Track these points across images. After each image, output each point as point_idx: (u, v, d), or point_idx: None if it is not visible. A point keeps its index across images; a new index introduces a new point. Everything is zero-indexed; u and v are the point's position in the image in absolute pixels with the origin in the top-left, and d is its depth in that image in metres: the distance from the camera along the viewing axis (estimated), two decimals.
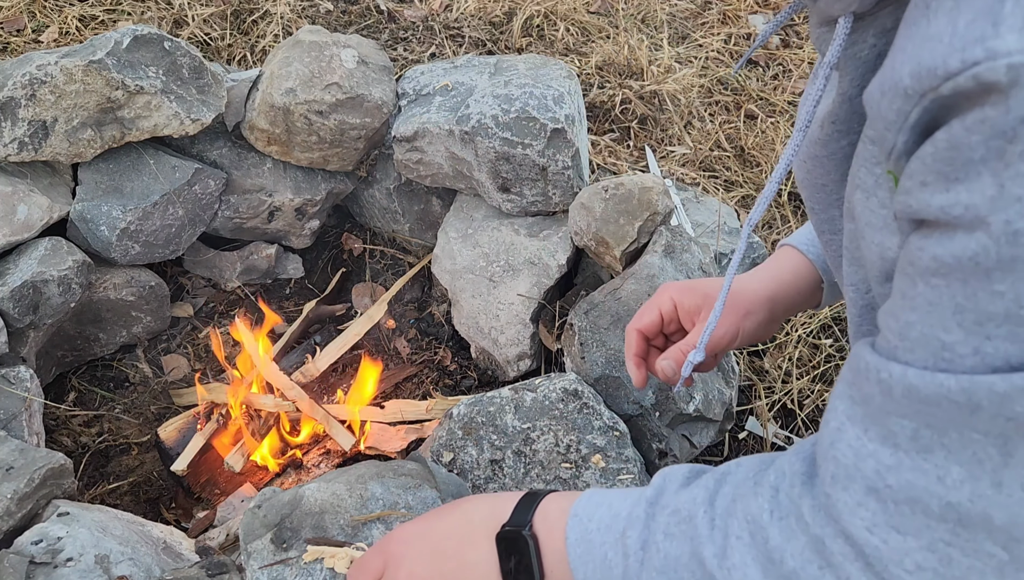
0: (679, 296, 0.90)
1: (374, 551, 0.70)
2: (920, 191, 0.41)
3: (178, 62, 1.35)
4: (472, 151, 1.39)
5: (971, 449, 0.41)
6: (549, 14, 2.20)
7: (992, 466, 0.40)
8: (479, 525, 0.66)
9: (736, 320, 0.88)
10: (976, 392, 0.39)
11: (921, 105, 0.40)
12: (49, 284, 1.28)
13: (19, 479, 1.05)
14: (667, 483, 0.60)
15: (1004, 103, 0.36)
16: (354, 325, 1.54)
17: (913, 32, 0.41)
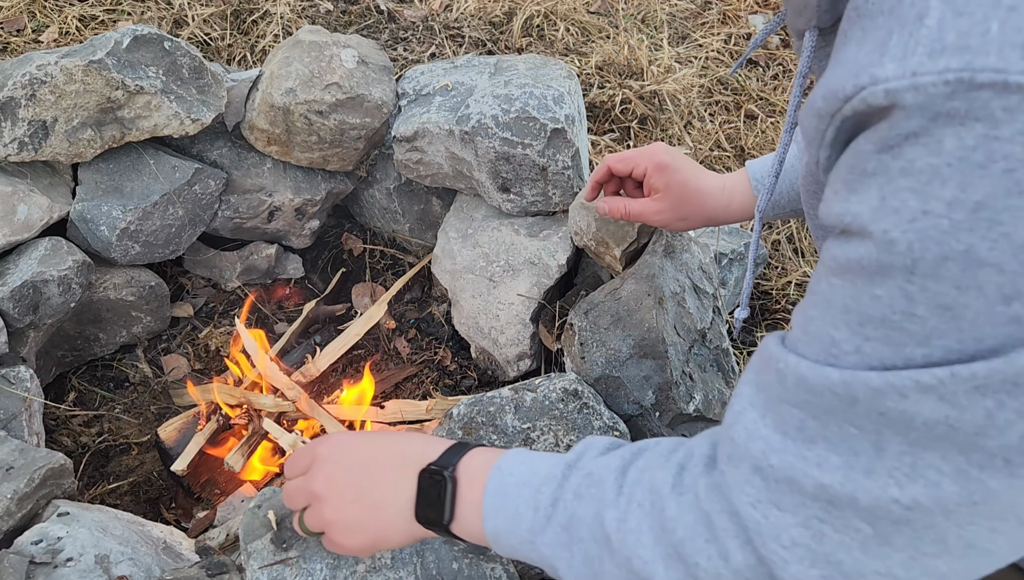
0: (657, 170, 1.05)
1: (306, 449, 0.75)
2: (832, 199, 0.45)
3: (178, 62, 1.35)
4: (472, 151, 1.39)
5: (849, 443, 0.44)
6: (549, 14, 2.20)
7: (866, 459, 0.44)
8: (408, 457, 0.70)
9: (675, 217, 1.06)
10: (854, 386, 0.43)
11: (833, 125, 0.44)
12: (49, 284, 1.28)
13: (19, 479, 1.05)
14: (587, 450, 0.64)
15: (889, 121, 0.39)
16: (354, 325, 1.54)
17: (833, 60, 0.45)
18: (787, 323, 1.60)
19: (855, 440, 0.44)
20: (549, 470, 0.64)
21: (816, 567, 0.47)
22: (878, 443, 0.43)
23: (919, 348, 0.41)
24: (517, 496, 0.64)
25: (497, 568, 0.93)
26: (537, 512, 0.62)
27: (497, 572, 0.93)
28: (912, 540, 0.44)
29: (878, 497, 0.43)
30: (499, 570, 0.93)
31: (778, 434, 0.48)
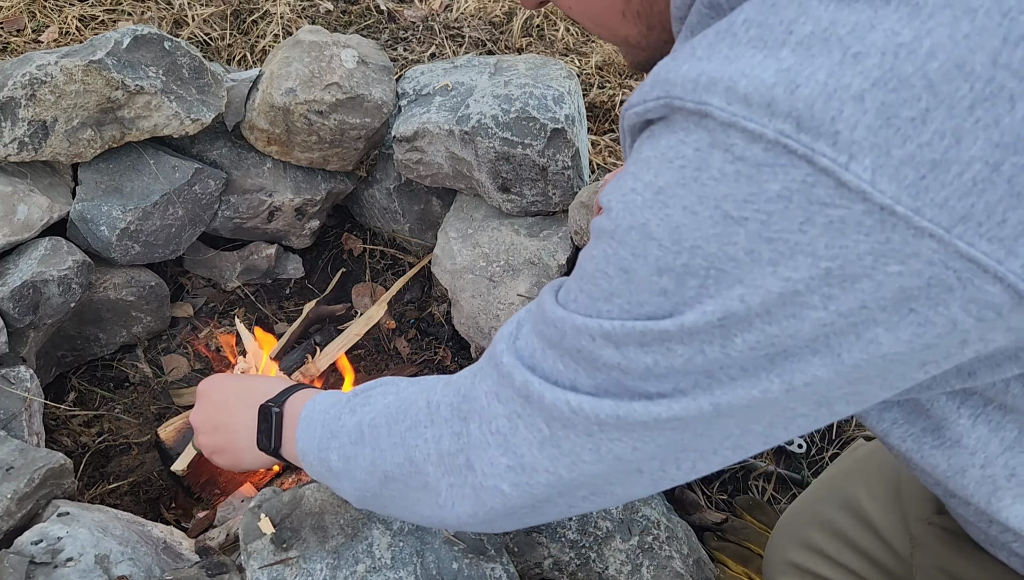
0: None
1: (199, 386, 0.98)
2: None
3: (178, 62, 1.35)
4: (472, 151, 1.39)
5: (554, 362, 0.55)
6: (549, 14, 2.20)
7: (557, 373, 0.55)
8: (257, 396, 0.89)
9: None
10: (565, 322, 0.54)
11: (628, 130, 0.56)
12: (49, 284, 1.28)
13: (19, 479, 1.05)
14: (379, 382, 0.79)
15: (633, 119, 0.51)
16: (354, 325, 1.54)
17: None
18: None
19: (559, 361, 0.55)
20: (347, 398, 0.78)
21: (506, 456, 0.59)
22: (572, 367, 0.54)
23: (605, 303, 0.51)
24: (321, 417, 0.79)
25: (497, 568, 0.93)
26: (324, 427, 0.77)
27: (497, 572, 0.93)
28: (574, 444, 0.55)
29: (556, 398, 0.54)
30: (499, 570, 0.93)
31: (511, 348, 0.59)
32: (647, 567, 1.06)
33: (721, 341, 0.47)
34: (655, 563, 1.06)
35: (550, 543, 1.08)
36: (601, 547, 1.07)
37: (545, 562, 1.08)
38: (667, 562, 1.06)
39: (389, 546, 0.92)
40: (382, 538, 0.92)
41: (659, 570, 1.06)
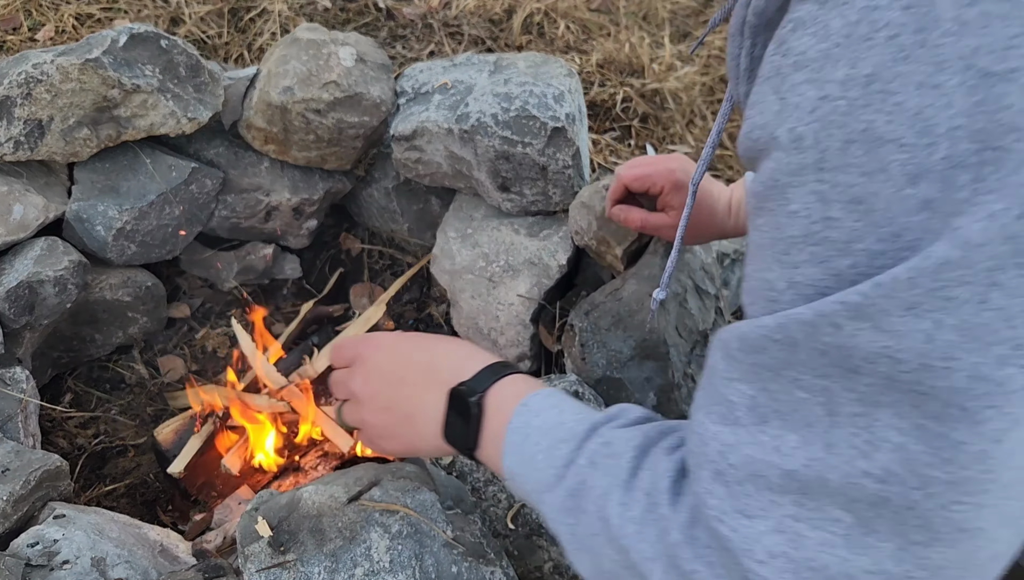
0: (674, 189, 1.07)
1: (352, 342, 0.77)
2: (742, 129, 0.44)
3: (175, 60, 1.34)
4: (471, 150, 1.38)
5: (801, 412, 0.40)
6: (549, 12, 2.19)
7: (822, 428, 0.40)
8: (441, 372, 0.70)
9: (688, 235, 1.09)
10: (789, 327, 0.39)
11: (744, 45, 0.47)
12: (45, 284, 1.27)
13: (15, 481, 1.04)
14: (619, 415, 0.61)
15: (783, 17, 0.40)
16: (352, 326, 1.53)
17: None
18: None
19: (806, 407, 0.40)
20: (574, 425, 0.60)
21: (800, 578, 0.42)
22: (828, 405, 0.39)
23: (843, 258, 0.38)
24: (537, 442, 0.61)
25: (497, 572, 0.92)
26: (550, 468, 0.59)
27: (497, 575, 0.92)
28: (895, 526, 0.39)
29: (847, 473, 0.39)
30: (499, 574, 0.92)
31: (727, 426, 0.44)
32: None
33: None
34: None
35: (550, 546, 1.07)
36: None
37: (545, 565, 1.07)
38: None
39: (387, 549, 0.91)
40: (380, 541, 0.92)
41: None
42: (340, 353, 0.77)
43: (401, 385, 0.72)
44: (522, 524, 1.08)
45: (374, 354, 0.75)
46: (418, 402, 0.70)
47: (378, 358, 0.75)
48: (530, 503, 0.63)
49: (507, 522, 1.07)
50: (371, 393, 0.73)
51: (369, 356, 0.75)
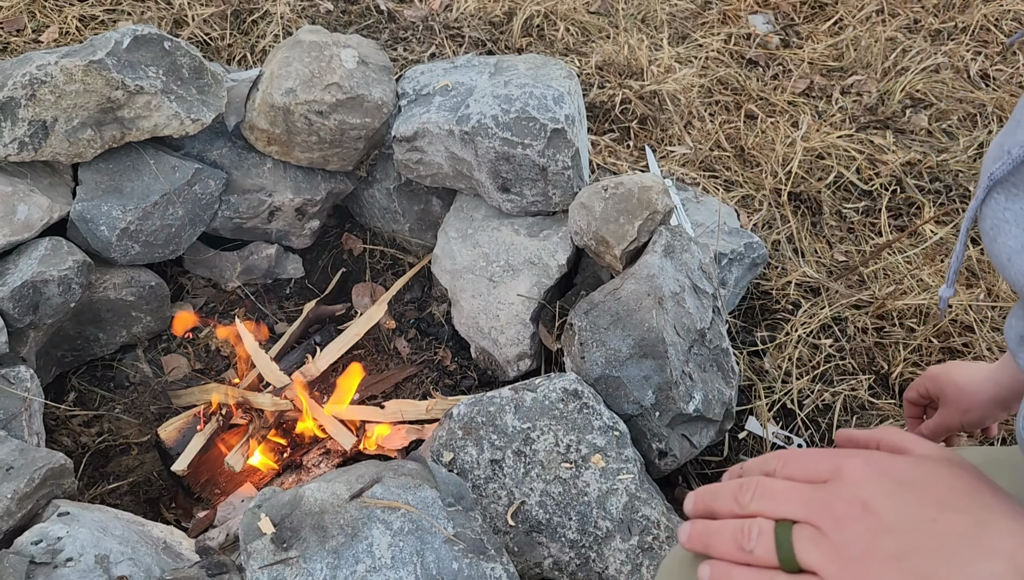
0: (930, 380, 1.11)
1: (829, 454, 0.54)
2: None
3: (178, 62, 1.35)
4: (472, 151, 1.39)
5: None
6: (549, 14, 2.20)
7: None
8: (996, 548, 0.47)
9: (958, 414, 1.06)
10: None
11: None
12: (49, 284, 1.28)
13: (19, 479, 1.05)
14: None
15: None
16: (354, 325, 1.54)
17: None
18: (786, 322, 1.60)
19: None
20: None
21: None
22: None
23: None
24: None
25: (497, 568, 0.93)
26: None
27: (497, 572, 0.93)
28: None
29: None
30: (499, 570, 0.93)
31: None
32: (647, 567, 1.06)
33: None
34: (655, 563, 1.06)
35: (550, 543, 1.08)
36: (601, 547, 1.07)
37: (545, 562, 1.08)
38: None
39: (389, 546, 0.92)
40: (382, 538, 0.92)
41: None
42: (807, 460, 0.55)
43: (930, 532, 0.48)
44: (522, 521, 1.09)
45: (876, 480, 0.51)
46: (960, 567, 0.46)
47: (884, 487, 0.50)
48: None
49: (507, 519, 1.08)
50: (876, 535, 0.49)
51: (866, 479, 0.51)
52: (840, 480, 0.51)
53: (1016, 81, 2.21)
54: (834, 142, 1.95)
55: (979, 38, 2.34)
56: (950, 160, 1.95)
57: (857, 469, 0.51)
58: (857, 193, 1.89)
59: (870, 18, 2.37)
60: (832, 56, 2.26)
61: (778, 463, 0.56)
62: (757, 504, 0.53)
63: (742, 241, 1.57)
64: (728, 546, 0.53)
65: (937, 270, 1.70)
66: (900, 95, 2.12)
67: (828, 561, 0.48)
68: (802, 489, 0.52)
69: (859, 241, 1.79)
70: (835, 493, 0.51)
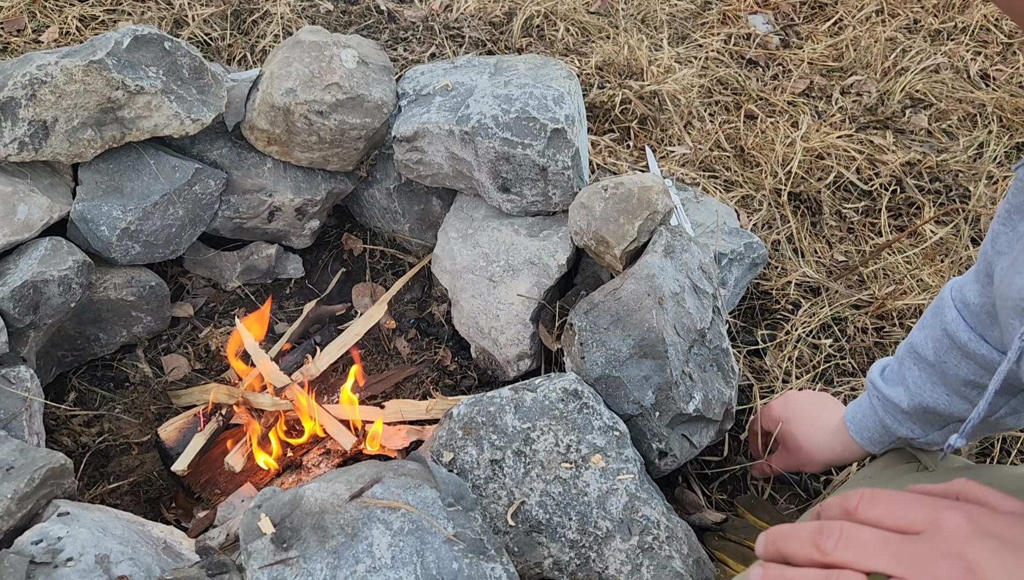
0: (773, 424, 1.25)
1: (929, 503, 0.51)
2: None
3: (178, 62, 1.35)
4: (472, 151, 1.39)
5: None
6: (549, 14, 2.20)
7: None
8: None
9: (797, 464, 1.21)
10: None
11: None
12: (49, 284, 1.28)
13: (19, 479, 1.05)
14: None
15: None
16: (354, 325, 1.54)
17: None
18: (786, 322, 1.60)
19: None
20: None
21: None
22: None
23: None
24: None
25: (497, 568, 0.93)
26: None
27: (497, 572, 0.93)
28: None
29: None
30: (499, 570, 0.93)
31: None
32: (647, 567, 1.06)
33: None
34: (655, 563, 1.06)
35: (550, 543, 1.08)
36: (601, 547, 1.07)
37: (545, 562, 1.08)
38: (667, 562, 1.06)
39: (389, 546, 0.92)
40: (382, 538, 0.93)
41: (659, 570, 1.06)
42: (902, 505, 0.51)
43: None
44: (522, 521, 1.09)
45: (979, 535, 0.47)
46: None
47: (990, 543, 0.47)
48: None
49: (507, 519, 1.08)
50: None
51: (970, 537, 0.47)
52: (938, 534, 0.47)
53: (1016, 81, 2.21)
54: (834, 142, 1.95)
55: (979, 38, 2.34)
56: (950, 160, 1.96)
57: (958, 524, 0.47)
58: (857, 193, 1.89)
59: (870, 18, 2.38)
60: (832, 56, 2.26)
61: (862, 503, 0.51)
62: (843, 554, 0.48)
63: (742, 241, 1.57)
64: (802, 553, 0.49)
65: (937, 270, 1.70)
66: (900, 95, 2.12)
67: None
68: (895, 541, 0.48)
69: (859, 241, 1.79)
70: (935, 549, 0.47)
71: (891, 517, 0.50)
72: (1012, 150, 2.01)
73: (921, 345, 0.98)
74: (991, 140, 2.01)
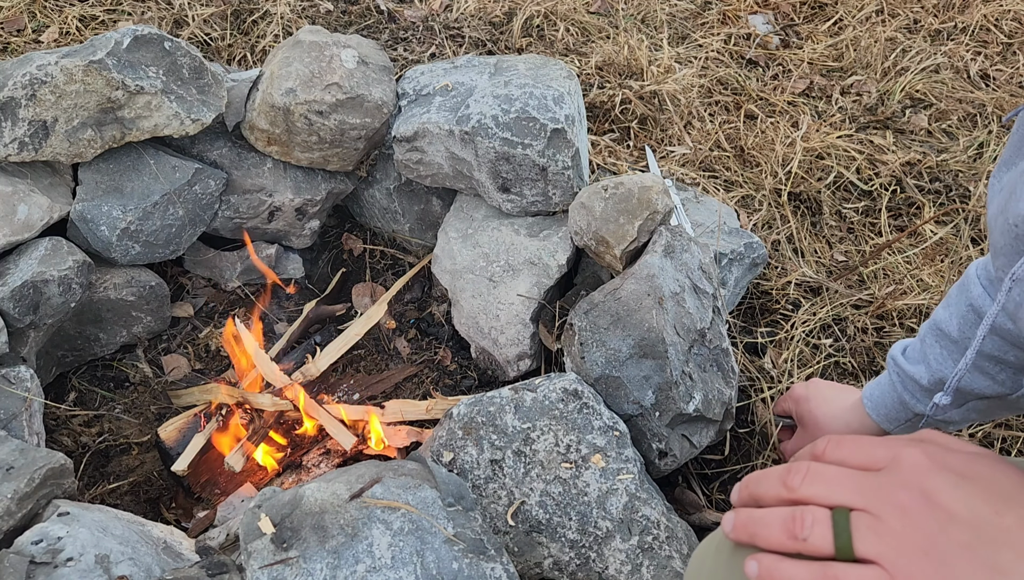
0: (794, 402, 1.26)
1: (889, 442, 0.53)
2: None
3: (178, 62, 1.35)
4: (472, 151, 1.39)
5: None
6: (549, 14, 2.20)
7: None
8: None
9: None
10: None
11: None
12: (49, 284, 1.28)
13: (19, 479, 1.05)
14: None
15: None
16: (354, 325, 1.54)
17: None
18: (786, 322, 1.60)
19: None
20: None
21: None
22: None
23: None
24: None
25: (497, 568, 0.93)
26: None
27: (497, 572, 0.93)
28: None
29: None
30: (499, 570, 0.93)
31: None
32: (647, 567, 1.06)
33: None
34: (655, 563, 1.06)
35: (550, 543, 1.08)
36: (601, 547, 1.07)
37: (545, 562, 1.08)
38: (667, 562, 1.07)
39: (389, 546, 0.92)
40: (382, 538, 0.93)
41: (659, 570, 1.06)
42: (863, 446, 0.53)
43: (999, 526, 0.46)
44: (522, 521, 1.09)
45: (938, 471, 0.49)
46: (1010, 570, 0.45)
47: (950, 476, 0.49)
48: None
49: (507, 519, 1.08)
50: (942, 525, 0.47)
51: (931, 471, 0.49)
52: (899, 469, 0.50)
53: (1016, 81, 2.21)
54: (834, 142, 1.95)
55: (979, 38, 2.34)
56: (950, 160, 1.96)
57: (918, 460, 0.50)
58: (857, 193, 1.89)
59: (870, 18, 2.38)
60: (832, 56, 2.26)
61: (829, 446, 0.53)
62: (808, 489, 0.50)
63: (742, 241, 1.57)
64: (777, 534, 0.50)
65: (937, 270, 1.70)
66: (900, 95, 2.12)
67: (891, 550, 0.47)
68: (858, 475, 0.50)
69: (859, 241, 1.79)
70: (896, 482, 0.49)
71: (856, 456, 0.52)
72: None
73: (945, 322, 0.99)
74: (991, 140, 2.01)
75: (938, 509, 0.47)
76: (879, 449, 0.52)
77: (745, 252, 1.56)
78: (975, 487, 0.48)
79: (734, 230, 1.62)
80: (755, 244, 1.59)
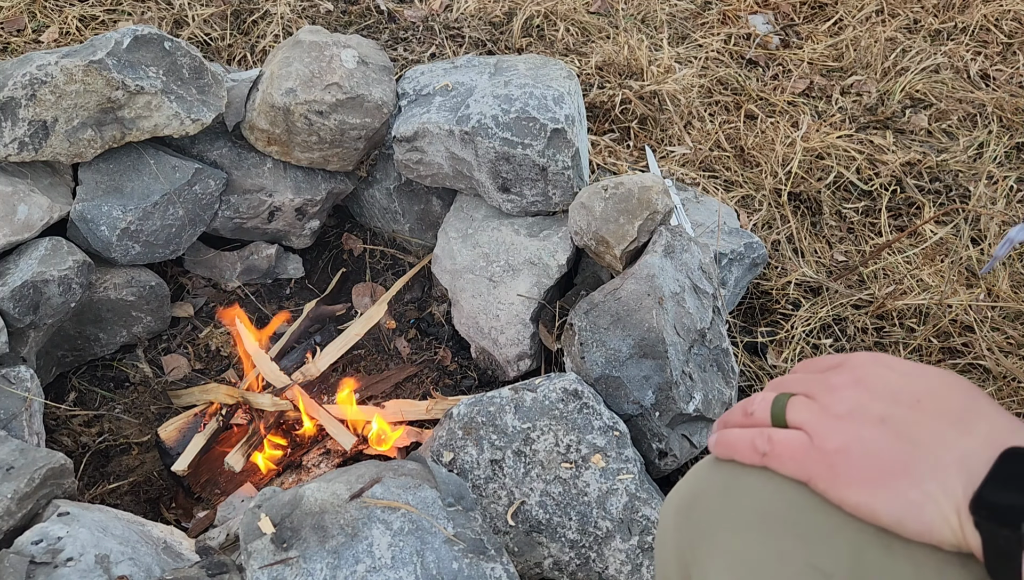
0: None
1: (839, 356, 0.58)
2: None
3: (178, 62, 1.35)
4: (472, 151, 1.39)
5: None
6: (549, 14, 2.20)
7: None
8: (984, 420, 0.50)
9: None
10: None
11: None
12: (49, 284, 1.28)
13: (19, 479, 1.05)
14: None
15: None
16: (354, 325, 1.54)
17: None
18: (787, 322, 1.60)
19: None
20: None
21: None
22: None
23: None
24: None
25: (497, 568, 0.93)
26: None
27: (497, 572, 0.93)
28: None
29: None
30: (499, 570, 0.93)
31: None
32: (647, 567, 1.06)
33: None
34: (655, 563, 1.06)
35: (550, 543, 1.08)
36: (601, 547, 1.07)
37: (545, 562, 1.08)
38: None
39: (389, 546, 0.92)
40: (382, 538, 0.93)
41: None
42: (820, 360, 0.59)
43: (915, 408, 0.51)
44: (522, 521, 1.09)
45: (878, 368, 0.55)
46: (938, 436, 0.49)
47: (884, 371, 0.54)
48: None
49: (507, 519, 1.08)
50: (862, 401, 0.52)
51: (868, 364, 0.55)
52: (843, 365, 0.57)
53: (1016, 81, 2.21)
54: (834, 142, 1.95)
55: (979, 38, 2.34)
56: (950, 160, 1.96)
57: (863, 357, 0.56)
58: (857, 193, 1.89)
59: (870, 18, 2.38)
60: (832, 56, 2.26)
61: (798, 364, 0.61)
62: (765, 393, 0.58)
63: (742, 241, 1.57)
64: (736, 418, 0.58)
65: (937, 270, 1.70)
66: (900, 95, 2.12)
67: (812, 417, 0.54)
68: (808, 376, 0.57)
69: (859, 241, 1.79)
70: (835, 373, 0.56)
71: (815, 365, 0.59)
72: (1012, 150, 2.01)
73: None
74: (991, 140, 2.01)
75: (862, 388, 0.54)
76: (835, 357, 0.59)
77: (745, 252, 1.56)
78: (906, 380, 0.54)
79: (734, 230, 1.62)
80: (755, 244, 1.59)
